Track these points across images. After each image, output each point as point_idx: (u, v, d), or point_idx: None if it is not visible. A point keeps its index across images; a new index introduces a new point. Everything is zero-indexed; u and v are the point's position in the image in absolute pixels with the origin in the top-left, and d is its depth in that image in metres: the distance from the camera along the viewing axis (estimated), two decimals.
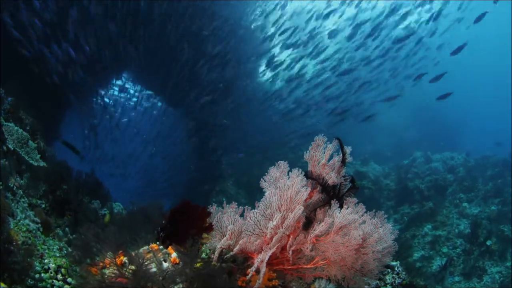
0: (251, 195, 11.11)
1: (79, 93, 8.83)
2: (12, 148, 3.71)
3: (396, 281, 2.78)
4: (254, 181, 2.21)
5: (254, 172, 11.68)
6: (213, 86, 11.30)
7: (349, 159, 2.23)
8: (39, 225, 2.55)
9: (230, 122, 12.21)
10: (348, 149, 2.23)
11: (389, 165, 15.14)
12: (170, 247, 1.86)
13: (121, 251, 1.76)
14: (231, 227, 1.94)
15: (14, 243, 1.86)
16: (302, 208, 1.86)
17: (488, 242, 8.98)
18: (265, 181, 2.17)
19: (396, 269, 2.85)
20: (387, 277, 2.78)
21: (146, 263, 1.60)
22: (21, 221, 2.31)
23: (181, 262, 1.71)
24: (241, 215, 2.14)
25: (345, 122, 12.89)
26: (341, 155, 2.24)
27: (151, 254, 1.74)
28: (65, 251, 2.59)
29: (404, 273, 2.89)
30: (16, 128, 3.95)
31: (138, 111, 16.41)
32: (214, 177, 12.13)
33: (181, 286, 1.64)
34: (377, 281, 2.65)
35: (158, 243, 1.94)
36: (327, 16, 12.70)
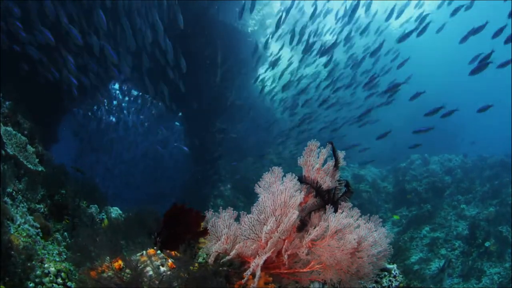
0: (249, 199, 11.13)
1: (76, 98, 8.83)
2: (10, 153, 3.72)
3: (393, 284, 2.78)
4: (251, 185, 2.22)
5: (251, 176, 11.71)
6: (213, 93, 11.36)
7: (342, 163, 2.25)
8: (39, 230, 2.57)
9: (229, 127, 12.25)
10: (341, 154, 2.26)
11: (387, 168, 15.18)
12: (167, 251, 1.89)
13: (118, 256, 1.79)
14: (226, 232, 1.97)
15: (15, 248, 1.88)
16: (297, 212, 1.89)
17: (487, 244, 9.01)
18: (259, 186, 2.18)
19: (393, 272, 2.85)
20: (383, 280, 2.78)
21: (142, 266, 1.63)
22: (21, 226, 2.33)
23: (177, 266, 1.73)
24: (237, 220, 2.16)
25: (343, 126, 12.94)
26: (335, 159, 2.26)
27: (148, 259, 1.76)
28: (65, 256, 2.61)
29: (401, 276, 2.89)
30: (14, 132, 3.97)
31: (136, 115, 16.43)
32: (211, 181, 12.14)
33: None
34: (374, 284, 2.66)
35: (155, 248, 1.96)
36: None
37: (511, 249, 8.85)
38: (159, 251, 1.91)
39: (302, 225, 1.99)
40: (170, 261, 1.83)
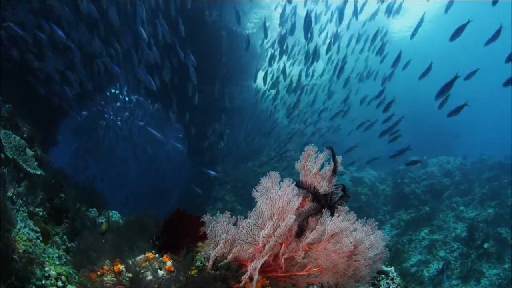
0: (247, 202, 11.13)
1: (75, 102, 8.86)
2: (10, 156, 3.74)
3: (391, 287, 2.79)
4: (250, 189, 2.24)
5: (250, 180, 11.72)
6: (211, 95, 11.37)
7: (340, 168, 2.28)
8: (39, 233, 2.59)
9: (228, 129, 12.25)
10: (339, 158, 2.28)
11: (385, 170, 15.21)
12: (165, 255, 1.91)
13: (118, 259, 1.82)
14: (224, 236, 2.00)
15: (16, 252, 1.91)
16: (294, 217, 1.91)
17: (486, 245, 9.03)
18: (257, 191, 2.20)
19: (390, 274, 2.86)
20: (381, 283, 2.79)
21: (142, 271, 1.65)
22: (21, 230, 2.35)
23: (175, 270, 1.75)
24: (235, 224, 2.19)
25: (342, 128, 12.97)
26: (332, 164, 2.28)
27: (147, 263, 1.79)
28: (64, 259, 2.63)
29: (399, 278, 2.91)
30: (13, 135, 3.99)
31: (133, 117, 16.41)
32: (210, 184, 12.14)
33: None
34: (371, 287, 2.68)
35: (153, 251, 1.99)
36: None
37: (511, 250, 8.87)
38: (157, 255, 1.93)
39: (299, 229, 2.02)
40: (167, 264, 1.85)
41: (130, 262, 1.77)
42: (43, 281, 2.08)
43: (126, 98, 14.74)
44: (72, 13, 7.58)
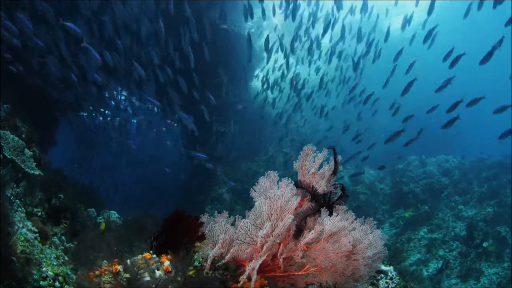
0: (246, 202, 11.13)
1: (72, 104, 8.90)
2: (8, 157, 3.74)
3: (390, 286, 2.79)
4: (249, 188, 2.24)
5: (249, 179, 11.72)
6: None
7: (340, 168, 2.27)
8: (37, 234, 2.59)
9: (226, 129, 12.25)
10: (338, 158, 2.28)
11: (384, 170, 15.19)
12: (163, 256, 1.91)
13: (116, 260, 1.81)
14: (223, 236, 1.99)
15: (13, 252, 1.90)
16: (292, 217, 1.90)
17: (485, 244, 9.04)
18: (255, 191, 2.20)
19: (389, 274, 2.86)
20: (380, 282, 2.79)
21: (140, 271, 1.64)
22: (19, 231, 2.35)
23: (173, 270, 1.75)
24: (233, 224, 2.18)
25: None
26: (332, 163, 2.28)
27: (144, 263, 1.78)
28: (62, 260, 2.63)
29: (398, 277, 2.90)
30: (12, 136, 3.98)
31: (132, 118, 16.38)
32: (209, 184, 12.13)
33: None
34: (370, 286, 2.68)
35: (151, 252, 1.98)
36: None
37: (510, 249, 8.88)
38: (154, 255, 1.93)
39: (298, 229, 2.01)
40: (165, 264, 1.85)
41: (128, 262, 1.76)
42: (41, 282, 2.08)
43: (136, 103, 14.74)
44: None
